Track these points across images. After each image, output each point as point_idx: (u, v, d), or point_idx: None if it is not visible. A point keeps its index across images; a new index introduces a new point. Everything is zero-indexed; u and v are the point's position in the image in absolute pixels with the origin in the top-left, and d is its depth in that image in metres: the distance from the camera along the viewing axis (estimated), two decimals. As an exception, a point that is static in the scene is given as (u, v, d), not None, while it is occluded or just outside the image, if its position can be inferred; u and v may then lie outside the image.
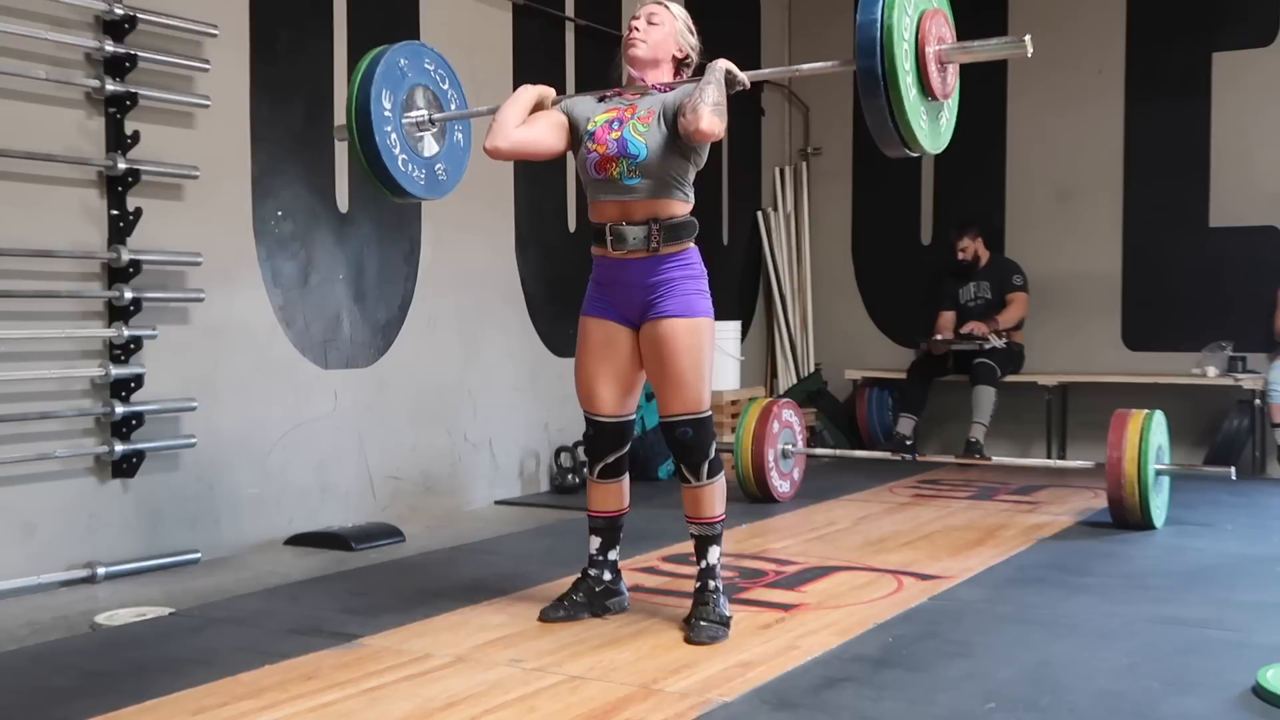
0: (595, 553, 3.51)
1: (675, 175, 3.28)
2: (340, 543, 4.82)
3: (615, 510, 3.51)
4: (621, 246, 3.28)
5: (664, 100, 3.29)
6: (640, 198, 3.26)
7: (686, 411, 3.29)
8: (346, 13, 5.26)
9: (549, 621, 3.41)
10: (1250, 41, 7.11)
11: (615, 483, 3.49)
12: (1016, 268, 7.37)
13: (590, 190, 3.38)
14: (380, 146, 3.49)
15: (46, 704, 2.77)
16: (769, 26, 8.35)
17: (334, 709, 2.69)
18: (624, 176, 3.25)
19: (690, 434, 3.28)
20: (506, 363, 6.13)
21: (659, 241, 3.27)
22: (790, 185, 8.46)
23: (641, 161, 3.23)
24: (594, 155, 3.29)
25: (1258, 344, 6.90)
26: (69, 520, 4.25)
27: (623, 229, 3.27)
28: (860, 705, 2.70)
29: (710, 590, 3.34)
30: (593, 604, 3.47)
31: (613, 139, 3.26)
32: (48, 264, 4.19)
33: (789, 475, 5.86)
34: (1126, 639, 3.28)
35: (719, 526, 3.38)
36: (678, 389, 3.28)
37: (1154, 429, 4.85)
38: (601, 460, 3.45)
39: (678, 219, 3.30)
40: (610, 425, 3.43)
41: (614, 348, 3.39)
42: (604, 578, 3.50)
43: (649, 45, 3.36)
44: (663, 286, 3.29)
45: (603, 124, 3.31)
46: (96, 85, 4.26)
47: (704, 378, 3.31)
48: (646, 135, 3.24)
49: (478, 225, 6.00)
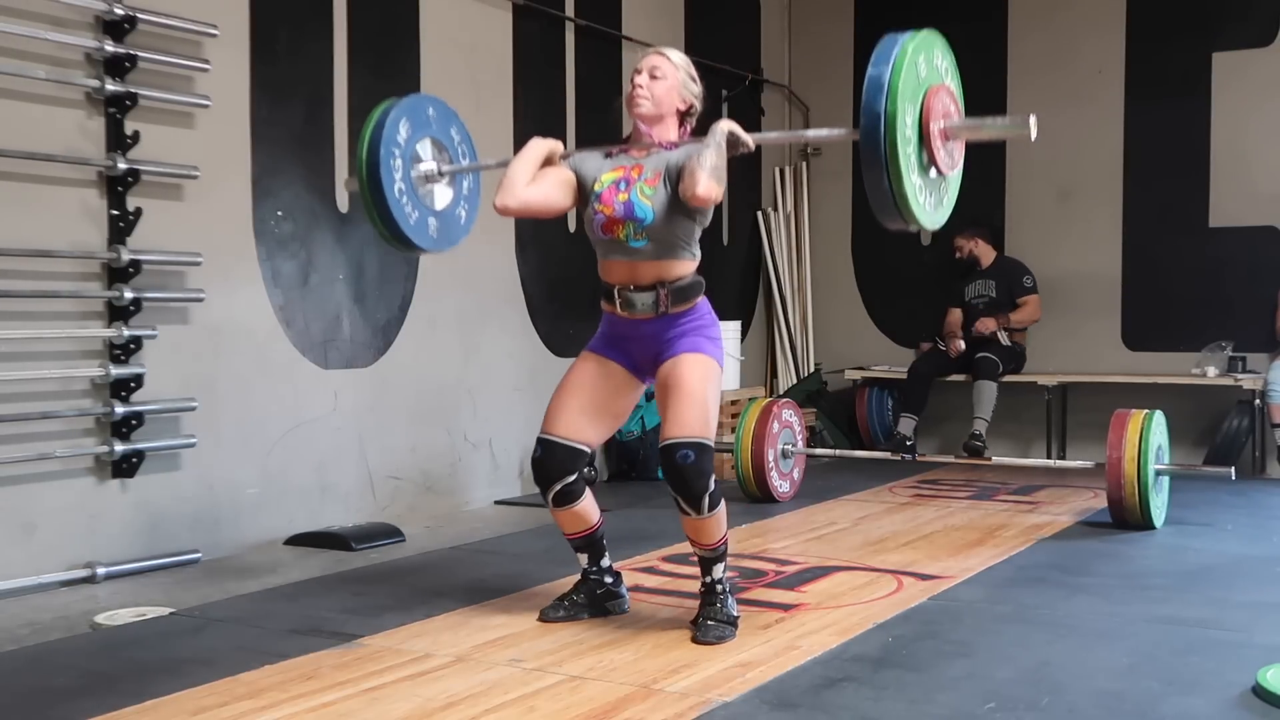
0: (588, 566, 3.50)
1: (681, 236, 3.29)
2: (340, 543, 4.82)
3: (587, 528, 3.42)
4: (630, 310, 3.31)
5: (669, 160, 3.27)
6: (647, 259, 3.28)
7: (687, 435, 3.18)
8: (346, 13, 5.26)
9: (549, 621, 3.42)
10: (1250, 41, 7.11)
11: (575, 506, 3.38)
12: (1025, 269, 7.38)
13: (598, 249, 3.38)
14: (391, 205, 3.42)
15: (46, 704, 2.77)
16: (769, 28, 8.35)
17: (334, 709, 2.69)
18: (630, 239, 3.26)
19: (691, 457, 3.15)
20: (506, 363, 6.13)
21: (667, 305, 3.29)
22: (790, 185, 8.46)
23: (648, 225, 3.23)
24: (600, 217, 3.29)
25: (1258, 344, 6.90)
26: (69, 520, 4.25)
27: (631, 295, 3.30)
28: (860, 705, 2.70)
29: (718, 592, 3.32)
30: (593, 605, 3.48)
31: (620, 201, 3.25)
32: (48, 264, 4.19)
33: (789, 475, 5.87)
34: (1126, 639, 3.28)
35: (722, 548, 3.32)
36: (681, 411, 3.21)
37: (1154, 429, 4.85)
38: (551, 487, 3.33)
39: (684, 281, 3.31)
40: (561, 447, 3.32)
41: (607, 385, 3.39)
42: (605, 581, 3.51)
43: (653, 101, 3.31)
44: (673, 339, 3.31)
45: (609, 185, 3.29)
46: (96, 85, 4.26)
47: (708, 407, 3.25)
48: (653, 198, 3.24)
49: (478, 225, 5.94)
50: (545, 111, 6.33)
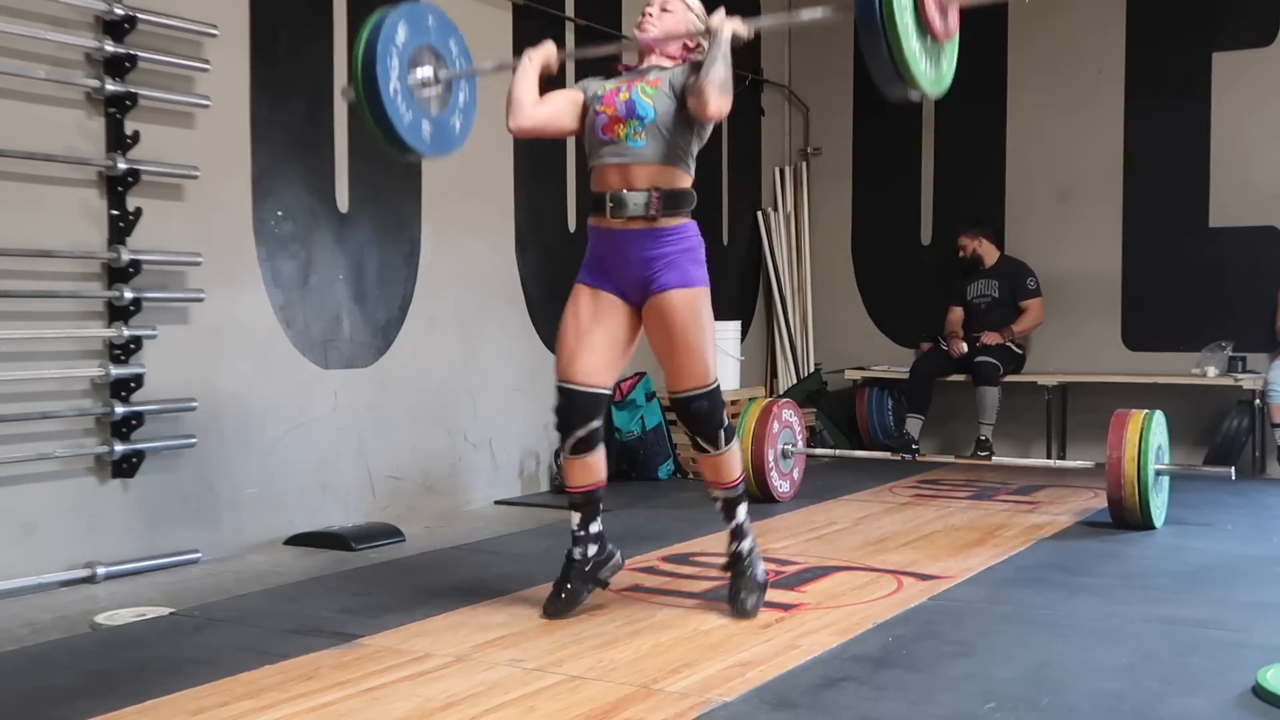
0: (577, 528, 3.50)
1: (680, 144, 3.34)
2: (340, 543, 4.82)
3: (593, 483, 3.49)
4: (621, 213, 3.33)
5: (671, 73, 3.36)
6: (645, 160, 3.31)
7: (697, 385, 3.38)
8: (346, 13, 5.26)
9: (554, 617, 3.42)
10: (1250, 41, 7.11)
11: (591, 456, 3.45)
12: (1029, 270, 7.37)
13: (594, 154, 3.41)
14: (386, 104, 3.46)
15: (46, 704, 2.77)
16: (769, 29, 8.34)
17: (334, 709, 2.69)
18: (630, 138, 3.31)
19: (705, 405, 3.39)
20: (506, 363, 6.13)
21: (658, 210, 3.31)
22: (790, 185, 8.46)
23: (649, 123, 3.29)
24: (602, 117, 3.35)
25: (1258, 344, 6.90)
26: (69, 520, 4.25)
27: (623, 195, 3.32)
28: (860, 705, 2.70)
29: (744, 558, 3.48)
30: (589, 580, 3.49)
31: (621, 100, 3.34)
32: (48, 264, 4.19)
33: (789, 475, 5.86)
34: (1126, 639, 3.28)
35: (740, 486, 3.51)
36: (688, 364, 3.37)
37: (1154, 429, 4.85)
38: (573, 433, 3.41)
39: (678, 188, 3.35)
40: (582, 394, 3.40)
41: (605, 316, 3.43)
42: (589, 553, 3.50)
43: (660, 29, 3.41)
44: (660, 261, 3.34)
45: (610, 89, 3.39)
46: (96, 85, 4.26)
47: (709, 349, 3.40)
48: (655, 98, 3.31)
49: (478, 225, 6.00)
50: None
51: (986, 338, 7.21)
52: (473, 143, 5.87)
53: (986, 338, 7.21)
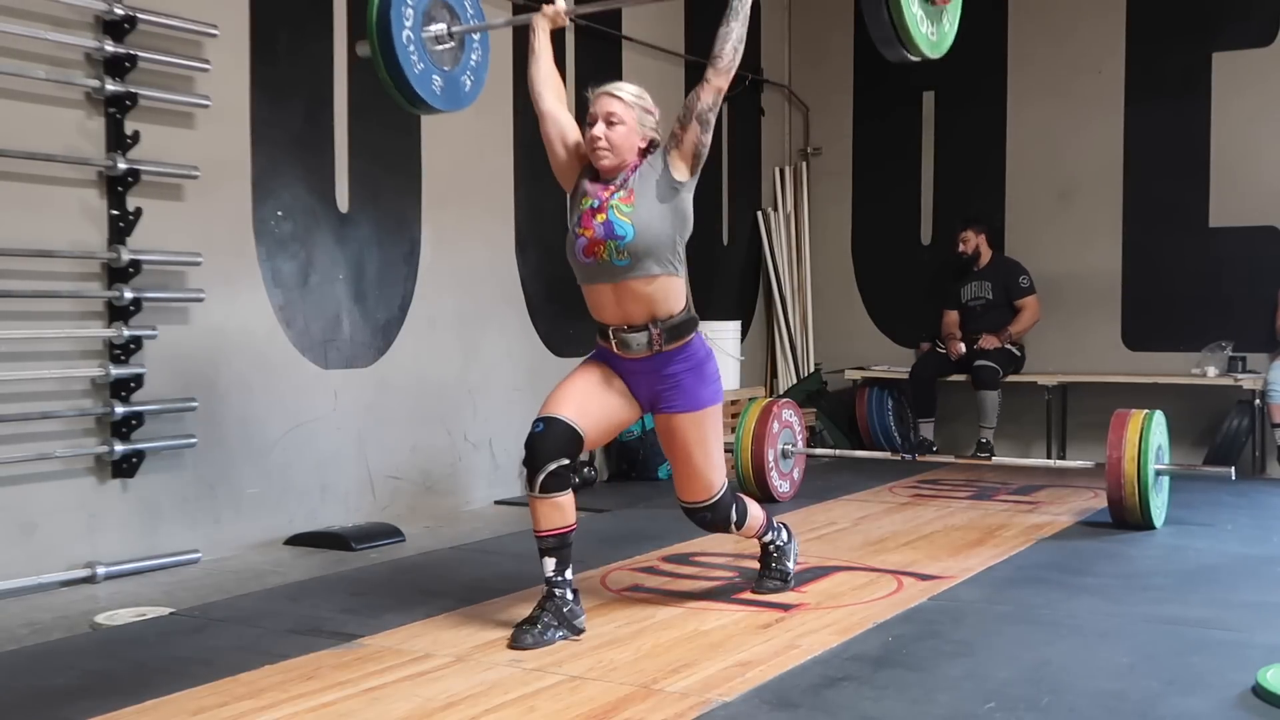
0: (553, 574, 3.28)
1: (663, 250, 3.28)
2: (340, 543, 4.82)
3: (564, 526, 3.28)
4: (626, 350, 3.36)
5: (640, 173, 3.31)
6: (633, 276, 3.27)
7: (700, 499, 3.51)
8: (346, 13, 5.26)
9: (521, 649, 3.14)
10: (1250, 41, 7.11)
11: (561, 496, 3.27)
12: (1022, 269, 7.37)
13: (581, 275, 3.38)
14: (398, 51, 3.48)
15: (46, 704, 2.77)
16: (769, 28, 8.34)
17: (334, 709, 2.69)
18: (614, 258, 3.26)
19: (709, 516, 3.55)
20: (506, 363, 6.13)
21: (660, 344, 3.34)
22: (790, 185, 8.46)
23: (629, 243, 3.24)
24: (582, 240, 3.29)
25: (1258, 344, 6.89)
26: (69, 520, 4.25)
27: (625, 336, 3.34)
28: (860, 705, 2.70)
29: (773, 550, 3.80)
30: (563, 625, 3.25)
31: (599, 223, 3.27)
32: (48, 264, 4.19)
33: (789, 475, 5.86)
34: (1127, 639, 3.28)
35: (767, 533, 3.80)
36: (693, 479, 3.48)
37: (1154, 429, 4.85)
38: (542, 468, 3.22)
39: (676, 319, 3.34)
40: (561, 424, 3.27)
41: (611, 395, 3.42)
42: (568, 598, 3.29)
43: (614, 151, 3.30)
44: (670, 381, 3.38)
45: (586, 209, 3.31)
46: (96, 85, 4.26)
47: (714, 464, 3.48)
48: (632, 215, 3.25)
49: (478, 226, 6.00)
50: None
51: (985, 341, 7.20)
52: (473, 143, 5.92)
53: (985, 341, 7.20)
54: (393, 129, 5.48)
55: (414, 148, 5.62)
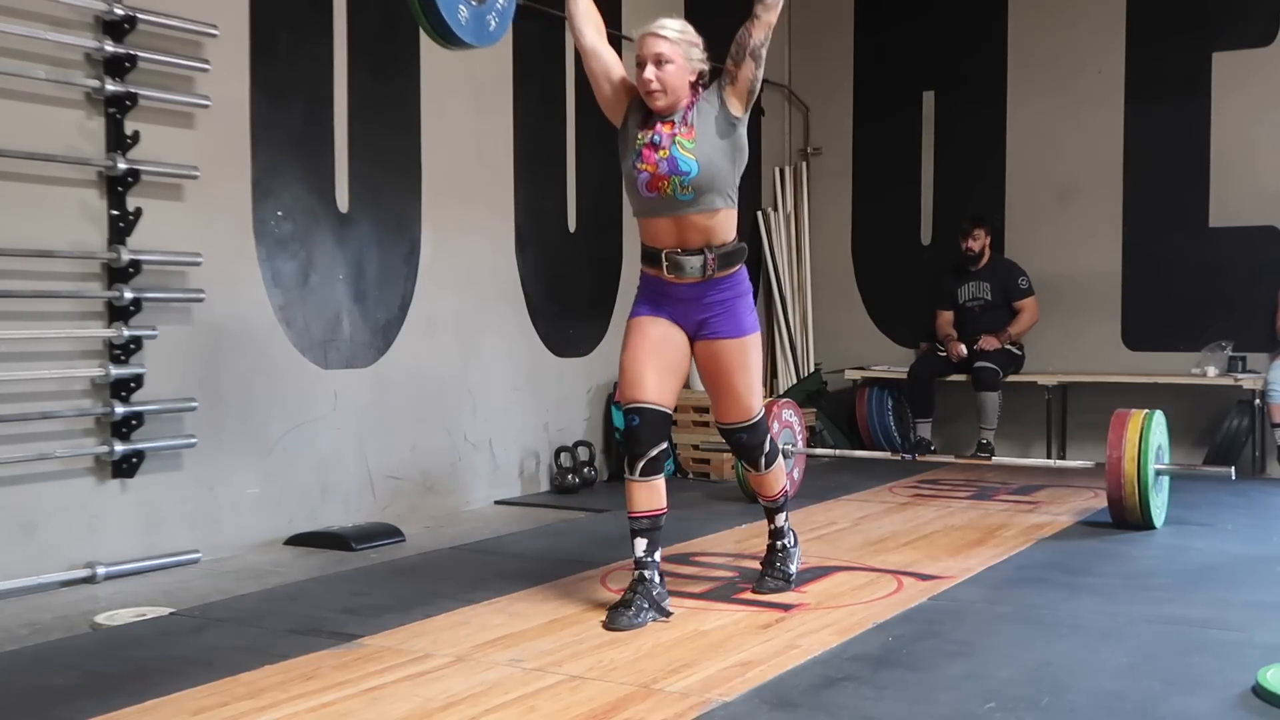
0: (644, 554, 3.42)
1: (724, 184, 3.37)
2: (340, 543, 4.82)
3: (659, 509, 3.44)
4: (678, 274, 3.39)
5: (698, 108, 3.37)
6: (695, 211, 3.34)
7: (741, 420, 3.61)
8: (346, 13, 5.26)
9: (619, 630, 3.26)
10: (1250, 41, 7.11)
11: (657, 479, 3.44)
12: (1020, 270, 7.36)
13: (640, 209, 3.42)
14: None
15: (46, 704, 2.77)
16: (769, 27, 8.33)
17: (334, 709, 2.68)
18: (678, 193, 3.33)
19: (746, 438, 3.63)
20: (506, 363, 6.13)
21: (714, 269, 3.40)
22: (790, 185, 8.46)
23: (694, 178, 3.31)
24: (644, 175, 3.35)
25: (1258, 344, 6.90)
26: (69, 520, 4.25)
27: (679, 258, 3.38)
28: (860, 705, 2.70)
29: (778, 550, 3.80)
30: (654, 607, 3.38)
31: (661, 159, 3.33)
32: (48, 264, 4.19)
33: (789, 475, 5.85)
34: (1127, 639, 3.28)
35: (783, 499, 3.81)
36: (734, 402, 3.58)
37: (1154, 429, 4.85)
38: (644, 454, 3.39)
39: (729, 246, 3.43)
40: (654, 413, 3.43)
41: (668, 343, 3.48)
42: (656, 580, 3.43)
43: (667, 91, 3.37)
44: (717, 307, 3.46)
45: (646, 143, 3.36)
46: (96, 85, 4.26)
47: (755, 389, 3.59)
48: (695, 150, 3.32)
49: (478, 225, 6.00)
50: (545, 111, 6.33)
51: (985, 342, 7.19)
52: (473, 143, 5.92)
53: (985, 342, 7.19)
54: (393, 129, 5.48)
55: (414, 148, 5.62)
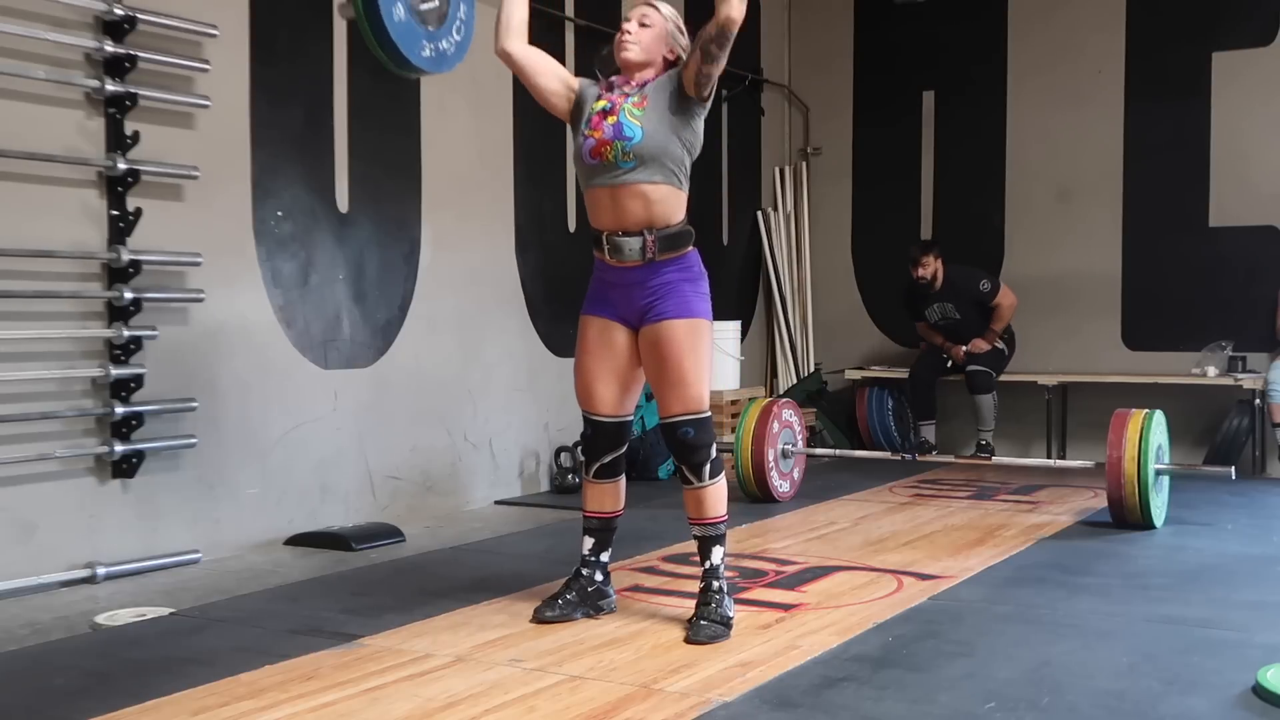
0: (588, 553, 3.50)
1: (669, 160, 3.30)
2: (340, 543, 4.82)
3: (610, 511, 3.51)
4: (618, 256, 3.32)
5: (655, 85, 3.35)
6: (635, 180, 3.28)
7: (687, 411, 3.31)
8: (346, 13, 5.25)
9: (543, 622, 3.40)
10: (1250, 41, 7.12)
11: (611, 483, 3.49)
12: (976, 275, 7.25)
13: (584, 178, 3.39)
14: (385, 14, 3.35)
15: (46, 704, 2.77)
16: (769, 28, 8.34)
17: (334, 709, 2.69)
18: (619, 159, 3.28)
19: (692, 434, 3.30)
20: (506, 363, 6.13)
21: (654, 252, 3.30)
22: (790, 185, 8.46)
23: (636, 144, 3.26)
24: (589, 141, 3.33)
25: (1258, 344, 6.90)
26: (69, 520, 4.25)
27: (619, 240, 3.31)
28: (860, 705, 2.70)
29: (713, 590, 3.33)
30: (585, 603, 3.47)
31: (609, 124, 3.31)
32: (48, 264, 4.19)
33: (789, 475, 5.86)
34: (1127, 639, 3.28)
35: (722, 527, 3.39)
36: (677, 389, 3.30)
37: (1154, 429, 4.85)
38: (598, 460, 3.45)
39: (673, 229, 3.32)
40: (608, 425, 3.44)
41: (612, 347, 3.41)
42: (596, 578, 3.50)
43: (640, 47, 3.38)
44: (661, 289, 3.32)
45: (597, 112, 3.36)
46: (96, 85, 4.26)
47: (703, 378, 3.33)
48: (642, 119, 3.29)
49: (478, 226, 6.00)
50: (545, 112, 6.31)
51: (974, 346, 7.18)
52: (473, 143, 5.92)
53: (974, 346, 7.18)
54: (392, 130, 5.48)
55: (414, 148, 5.62)
